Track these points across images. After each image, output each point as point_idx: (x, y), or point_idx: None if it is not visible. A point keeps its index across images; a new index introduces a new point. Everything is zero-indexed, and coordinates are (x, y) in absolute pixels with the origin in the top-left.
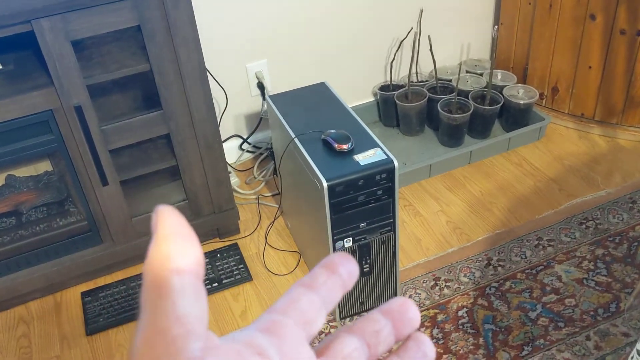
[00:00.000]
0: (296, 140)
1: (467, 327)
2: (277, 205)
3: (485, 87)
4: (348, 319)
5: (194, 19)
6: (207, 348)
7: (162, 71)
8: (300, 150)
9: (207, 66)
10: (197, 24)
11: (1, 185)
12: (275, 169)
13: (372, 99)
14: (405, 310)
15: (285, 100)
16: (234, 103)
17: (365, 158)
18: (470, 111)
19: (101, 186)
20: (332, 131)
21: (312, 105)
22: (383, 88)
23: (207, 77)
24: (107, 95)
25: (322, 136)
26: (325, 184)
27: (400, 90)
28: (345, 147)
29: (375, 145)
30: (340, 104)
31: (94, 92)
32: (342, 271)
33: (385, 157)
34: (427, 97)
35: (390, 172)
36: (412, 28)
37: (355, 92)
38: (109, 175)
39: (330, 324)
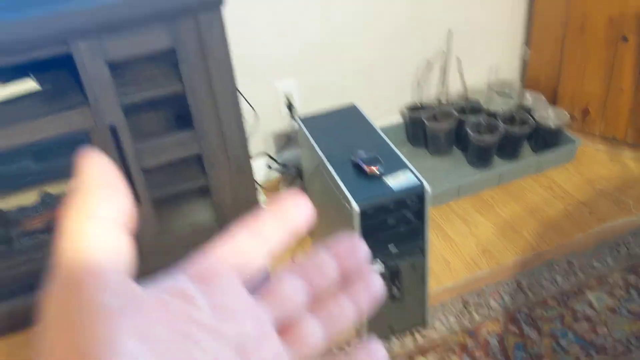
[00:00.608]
0: (326, 162)
1: (497, 354)
2: None
3: (514, 109)
4: None
5: (227, 41)
6: (128, 300)
7: (195, 92)
8: (330, 172)
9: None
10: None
11: (36, 202)
12: (303, 189)
13: (399, 118)
14: (353, 249)
15: (315, 122)
16: (262, 121)
17: (396, 181)
18: (500, 132)
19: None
20: (363, 153)
21: (342, 127)
22: (411, 108)
23: (238, 97)
24: (140, 115)
25: (352, 158)
26: (356, 208)
27: (429, 110)
28: (376, 169)
29: (407, 168)
30: (371, 127)
31: (127, 111)
32: (293, 213)
33: (417, 181)
34: (455, 118)
35: (422, 196)
36: (440, 49)
37: (383, 112)
38: (141, 194)
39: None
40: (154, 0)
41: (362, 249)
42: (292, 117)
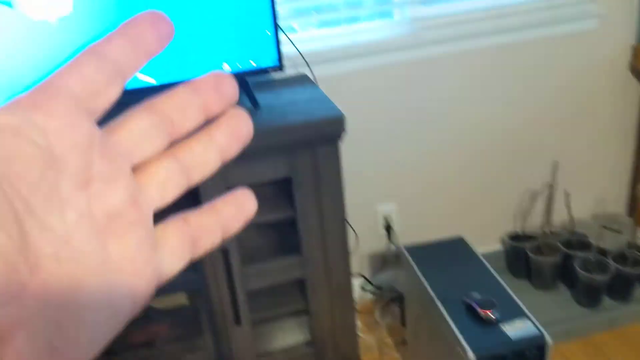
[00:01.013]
0: (436, 301)
1: None
2: (401, 357)
3: (625, 246)
4: None
5: (341, 171)
6: None
7: (306, 218)
8: (441, 312)
9: None
10: None
11: (140, 315)
12: (401, 318)
13: (499, 245)
14: (219, 84)
15: (421, 253)
16: (359, 242)
17: (514, 330)
18: (611, 272)
19: (234, 325)
20: (477, 295)
21: (451, 261)
22: (513, 237)
23: (346, 224)
24: (249, 237)
25: (465, 299)
26: (472, 357)
27: (533, 241)
28: (491, 315)
29: (523, 314)
30: (482, 264)
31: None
32: (148, 37)
33: (537, 331)
34: (562, 252)
35: (542, 348)
36: (545, 179)
37: (483, 238)
38: (243, 315)
39: None
40: (277, 134)
41: (230, 85)
42: (390, 240)
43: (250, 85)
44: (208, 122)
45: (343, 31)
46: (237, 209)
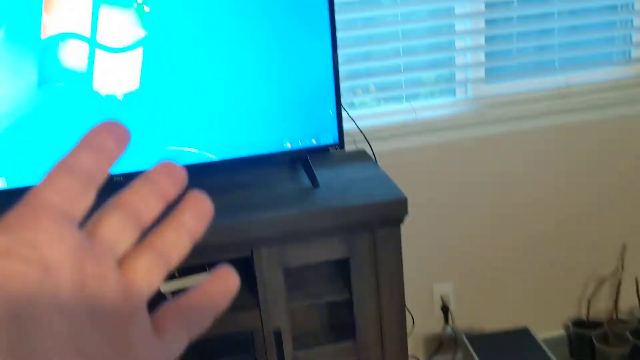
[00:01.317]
0: None
1: None
2: None
3: None
4: None
5: (401, 254)
6: None
7: (362, 302)
8: None
9: None
10: None
11: None
12: None
13: (562, 330)
14: (170, 172)
15: (484, 343)
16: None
17: None
18: None
19: None
20: None
21: (513, 353)
22: (577, 323)
23: (404, 309)
24: (302, 317)
25: None
26: None
27: (599, 329)
28: None
29: None
30: (547, 358)
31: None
32: (108, 144)
33: None
34: (631, 343)
35: None
36: (612, 263)
37: (544, 322)
38: None
39: None
40: (336, 215)
41: (179, 171)
42: (447, 321)
43: (311, 164)
44: (168, 208)
45: (404, 108)
46: (223, 286)
